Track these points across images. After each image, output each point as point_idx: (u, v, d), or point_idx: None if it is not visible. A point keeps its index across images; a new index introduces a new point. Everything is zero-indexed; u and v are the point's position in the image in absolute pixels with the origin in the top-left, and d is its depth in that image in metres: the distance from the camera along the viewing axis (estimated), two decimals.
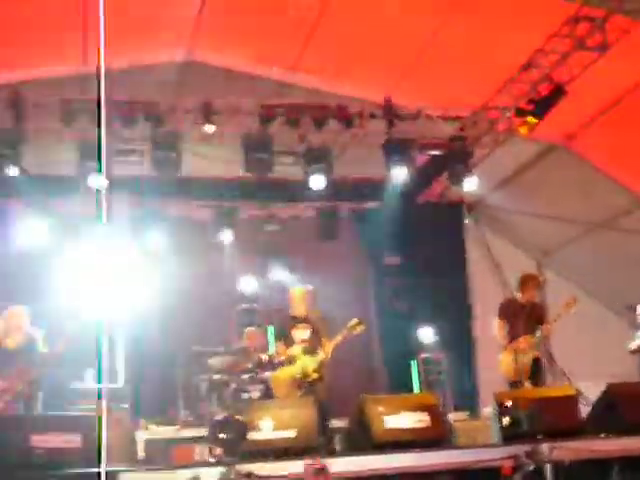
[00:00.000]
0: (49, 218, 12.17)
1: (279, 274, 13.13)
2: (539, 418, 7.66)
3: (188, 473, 6.64)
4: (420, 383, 12.95)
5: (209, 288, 12.76)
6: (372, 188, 13.38)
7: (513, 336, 9.25)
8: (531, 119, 11.03)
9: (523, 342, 9.21)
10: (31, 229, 12.06)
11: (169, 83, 11.65)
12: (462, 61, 10.54)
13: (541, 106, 10.89)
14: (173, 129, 11.09)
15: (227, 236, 12.93)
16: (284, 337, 9.72)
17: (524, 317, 9.30)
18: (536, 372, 9.31)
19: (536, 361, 9.34)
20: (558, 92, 10.60)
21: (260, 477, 6.51)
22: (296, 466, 6.81)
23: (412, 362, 13.04)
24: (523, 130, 11.24)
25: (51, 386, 9.58)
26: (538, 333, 9.27)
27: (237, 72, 11.51)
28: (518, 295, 9.66)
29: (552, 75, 10.64)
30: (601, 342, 12.65)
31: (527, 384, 9.08)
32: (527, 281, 9.68)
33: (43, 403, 9.17)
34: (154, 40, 10.90)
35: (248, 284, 13.25)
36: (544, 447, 7.00)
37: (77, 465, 6.83)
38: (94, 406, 10.06)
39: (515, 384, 9.07)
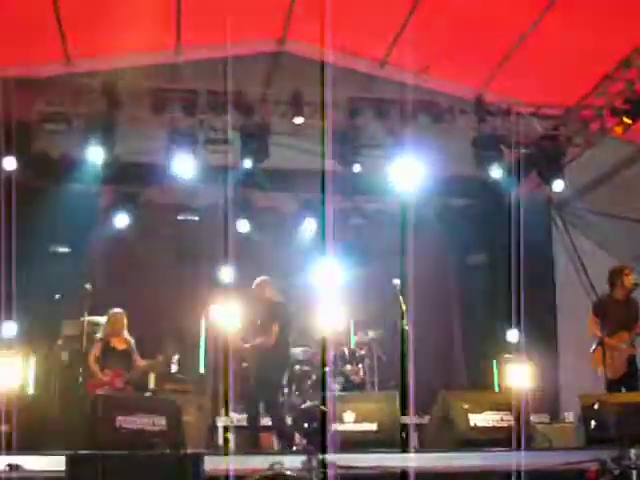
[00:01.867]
0: (137, 206, 12.40)
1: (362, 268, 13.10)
2: (627, 423, 7.51)
3: (270, 459, 6.69)
4: (501, 383, 12.80)
5: (291, 280, 12.82)
6: (459, 184, 13.26)
7: (608, 333, 9.01)
8: (626, 119, 10.77)
9: (618, 339, 8.98)
10: (120, 217, 12.29)
11: (259, 74, 11.73)
12: (556, 58, 10.36)
13: (637, 106, 10.63)
14: (262, 120, 11.13)
15: (311, 227, 12.95)
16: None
17: (620, 313, 9.08)
18: (631, 369, 9.10)
19: (631, 358, 9.11)
20: None
21: (341, 467, 6.51)
22: (376, 459, 6.81)
23: (494, 362, 12.91)
24: (618, 130, 10.99)
25: None
26: (635, 330, 9.03)
27: (326, 64, 11.50)
28: (611, 291, 9.42)
29: None
30: None
31: (622, 386, 8.88)
32: (619, 274, 9.43)
33: None
34: (245, 30, 10.97)
35: (330, 277, 13.25)
36: (631, 453, 6.85)
37: (161, 447, 6.93)
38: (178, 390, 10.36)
39: (610, 382, 8.85)
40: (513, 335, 13.07)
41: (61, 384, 10.61)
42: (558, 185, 11.92)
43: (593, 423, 7.60)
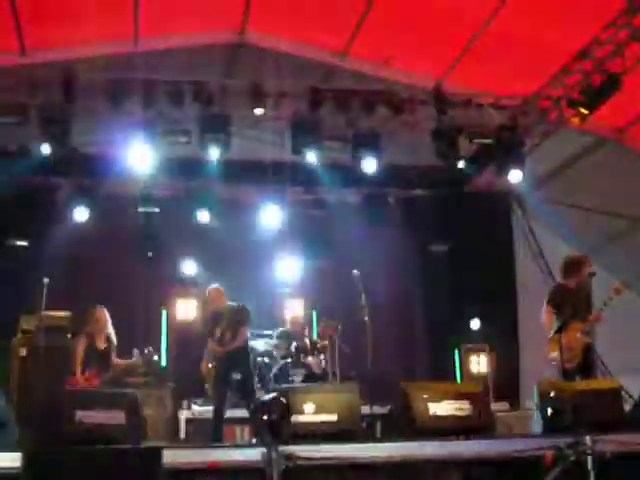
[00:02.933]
0: (96, 198, 12.29)
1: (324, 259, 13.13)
2: (582, 410, 7.58)
3: (230, 452, 6.69)
4: (462, 373, 12.92)
5: (253, 271, 12.81)
6: (420, 175, 13.32)
7: (563, 322, 9.03)
8: (583, 110, 10.85)
9: (574, 328, 9.02)
10: (79, 209, 12.18)
11: (219, 65, 11.68)
12: (515, 49, 10.43)
13: (594, 97, 10.71)
14: (222, 111, 11.08)
15: (273, 219, 12.93)
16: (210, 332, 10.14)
17: (574, 302, 9.12)
18: (587, 359, 9.16)
19: (587, 347, 9.18)
20: (612, 83, 10.40)
21: (301, 459, 6.52)
22: (337, 450, 6.82)
23: (455, 351, 13.01)
24: (575, 121, 11.08)
25: None
26: (590, 319, 9.08)
27: (287, 55, 11.47)
28: (566, 280, 9.45)
29: (606, 66, 10.47)
30: None
31: (577, 374, 8.96)
32: (574, 264, 9.44)
33: None
34: (204, 21, 10.92)
35: (291, 268, 13.29)
36: (587, 439, 6.92)
37: (121, 441, 6.90)
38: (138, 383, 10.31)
39: (566, 371, 8.90)
40: (474, 324, 13.20)
41: (19, 379, 10.50)
42: (517, 175, 11.98)
43: (550, 410, 7.67)
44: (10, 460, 6.03)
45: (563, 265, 9.56)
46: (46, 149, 10.72)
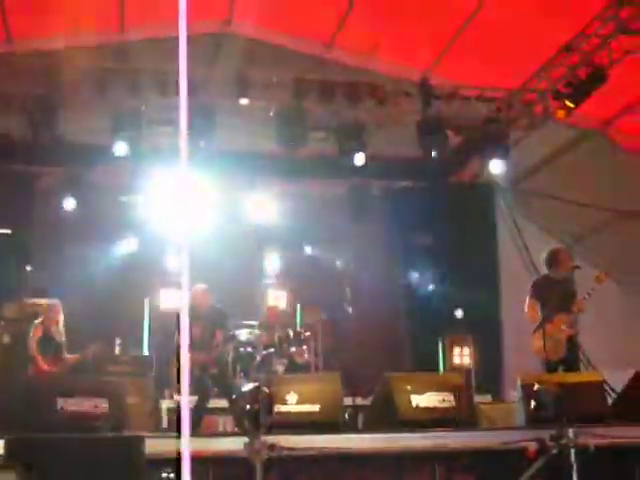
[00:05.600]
0: (81, 187, 12.24)
1: (308, 250, 13.14)
2: (565, 403, 7.60)
3: (213, 442, 6.69)
4: (445, 364, 12.95)
5: (237, 261, 12.79)
6: (405, 167, 13.33)
7: (547, 314, 9.06)
8: (569, 103, 10.88)
9: (558, 320, 9.05)
10: (63, 198, 12.14)
11: (204, 54, 11.63)
12: (501, 42, 10.43)
13: (580, 90, 10.73)
14: (207, 101, 11.05)
15: (258, 210, 12.92)
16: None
17: (557, 294, 9.13)
18: (571, 351, 9.19)
19: (571, 339, 9.21)
20: (598, 77, 10.42)
21: (284, 449, 6.53)
22: (319, 440, 6.83)
23: (438, 342, 13.04)
24: (560, 114, 11.10)
25: None
26: (573, 310, 9.11)
27: (272, 45, 11.45)
28: (549, 272, 9.48)
29: (593, 59, 10.49)
30: (629, 330, 12.56)
31: (560, 366, 8.98)
32: (557, 255, 9.47)
33: None
34: (190, 11, 10.85)
35: (275, 259, 13.30)
36: (569, 432, 6.95)
37: (103, 430, 6.89)
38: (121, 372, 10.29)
39: (550, 364, 8.93)
40: (457, 316, 13.23)
41: (2, 367, 10.47)
42: (501, 167, 12.02)
43: (533, 403, 7.69)
44: None
45: (546, 257, 9.58)
46: (33, 137, 10.66)
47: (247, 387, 8.37)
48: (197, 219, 12.33)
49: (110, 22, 10.74)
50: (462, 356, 13.03)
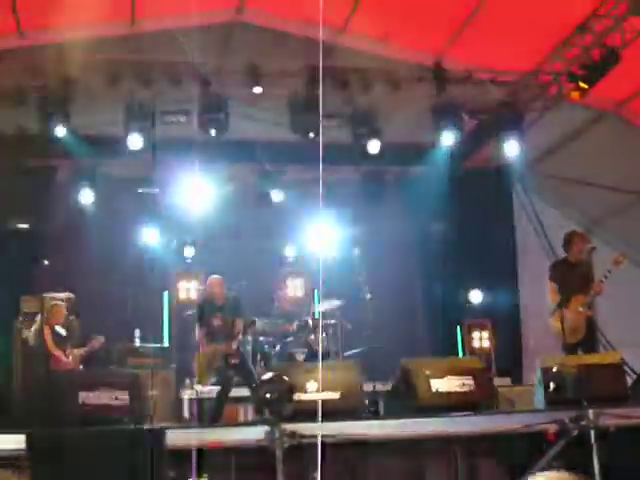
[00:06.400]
0: (96, 180, 12.29)
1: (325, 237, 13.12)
2: (585, 385, 7.59)
3: (234, 431, 6.72)
4: (464, 348, 12.94)
5: (254, 250, 12.82)
6: (419, 152, 13.29)
7: (566, 297, 9.10)
8: (583, 84, 10.82)
9: (575, 302, 9.07)
10: (79, 191, 12.19)
11: (217, 44, 11.61)
12: (514, 24, 10.36)
13: (594, 71, 10.67)
14: (220, 91, 11.04)
15: (274, 198, 12.96)
16: (203, 323, 9.98)
17: (575, 277, 9.17)
18: (589, 332, 9.20)
19: (589, 320, 9.22)
20: (612, 58, 10.36)
21: (304, 437, 6.54)
22: (340, 427, 6.84)
23: (457, 327, 13.03)
24: (575, 95, 11.04)
25: None
26: (591, 292, 9.13)
27: (284, 33, 11.41)
28: (567, 255, 9.52)
29: (606, 40, 10.42)
30: None
31: (579, 348, 8.99)
32: (573, 238, 9.52)
33: None
34: (201, 0, 10.85)
35: (291, 247, 13.33)
36: (589, 413, 6.94)
37: (124, 422, 6.93)
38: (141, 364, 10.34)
39: (569, 346, 8.95)
40: (476, 298, 13.21)
41: (23, 362, 10.54)
42: (517, 150, 11.97)
43: (552, 385, 7.68)
44: (14, 442, 6.05)
45: (563, 240, 9.63)
46: (46, 131, 10.69)
47: (267, 376, 8.38)
48: (213, 209, 12.41)
49: (121, 14, 10.73)
50: (481, 340, 13.02)
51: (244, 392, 10.11)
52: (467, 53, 11.35)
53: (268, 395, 7.25)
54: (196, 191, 12.18)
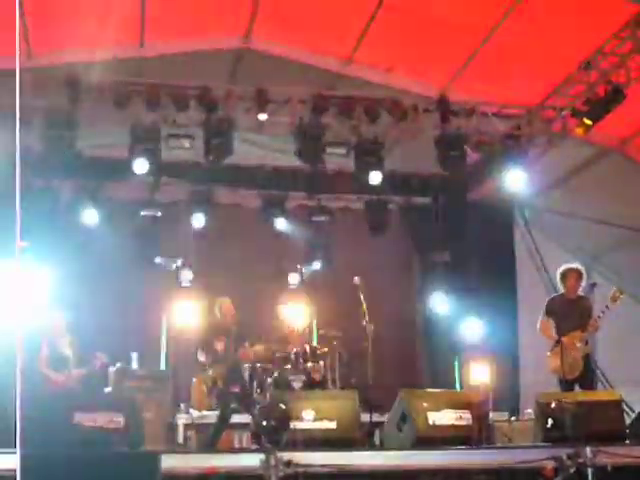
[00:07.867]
0: (99, 201, 12.30)
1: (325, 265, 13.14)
2: (583, 422, 7.58)
3: (229, 458, 6.69)
4: (462, 381, 12.89)
5: (253, 277, 12.81)
6: (423, 183, 13.32)
7: (562, 333, 9.10)
8: (587, 121, 10.86)
9: (572, 338, 9.06)
10: (82, 212, 12.19)
11: (223, 70, 11.68)
12: (519, 59, 10.43)
13: (598, 108, 10.72)
14: (226, 116, 11.08)
15: (275, 225, 12.96)
16: (206, 346, 9.96)
17: (572, 313, 9.19)
18: (587, 369, 9.19)
19: (587, 357, 9.21)
20: (616, 94, 10.41)
21: (300, 466, 6.51)
22: (335, 457, 6.82)
23: (455, 360, 12.99)
24: (579, 131, 11.08)
25: None
26: (588, 328, 9.13)
27: (291, 61, 11.47)
28: (562, 290, 9.54)
29: (610, 77, 10.48)
30: None
31: (577, 385, 8.97)
32: (567, 273, 9.56)
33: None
34: (210, 27, 10.92)
35: (291, 274, 13.31)
36: (587, 451, 6.91)
37: (119, 445, 6.89)
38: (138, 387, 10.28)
39: (566, 382, 8.93)
40: (475, 333, 13.18)
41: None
42: (519, 184, 12.00)
43: (550, 421, 7.66)
44: (7, 462, 6.00)
45: (559, 276, 9.68)
46: (52, 152, 10.71)
47: (264, 403, 8.37)
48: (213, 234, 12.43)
49: (130, 37, 10.79)
50: (479, 374, 12.97)
51: (240, 419, 10.07)
52: (472, 86, 11.40)
53: (264, 422, 7.24)
54: (197, 217, 12.25)
